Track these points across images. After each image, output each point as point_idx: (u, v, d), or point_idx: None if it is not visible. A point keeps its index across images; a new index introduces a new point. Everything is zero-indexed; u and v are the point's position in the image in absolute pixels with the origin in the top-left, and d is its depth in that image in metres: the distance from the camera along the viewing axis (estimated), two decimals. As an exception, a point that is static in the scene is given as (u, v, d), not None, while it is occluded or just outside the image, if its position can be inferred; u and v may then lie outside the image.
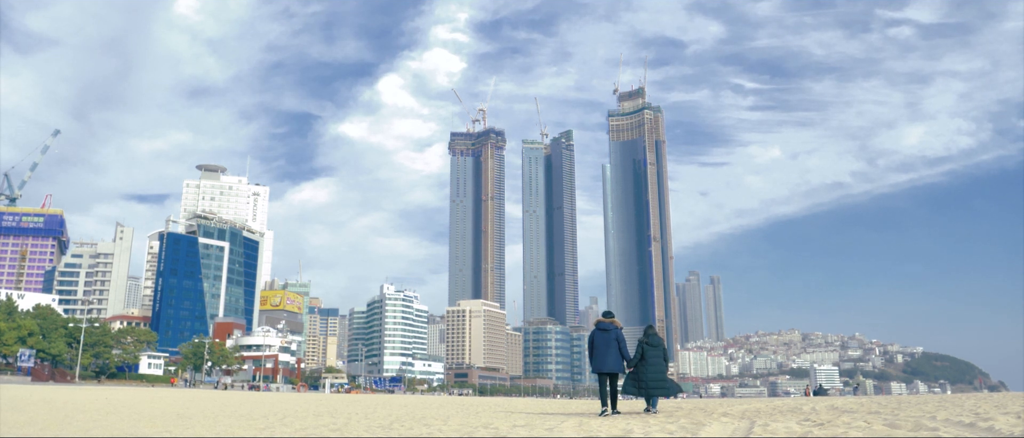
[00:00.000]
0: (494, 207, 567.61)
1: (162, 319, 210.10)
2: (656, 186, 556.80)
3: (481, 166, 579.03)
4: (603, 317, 18.47)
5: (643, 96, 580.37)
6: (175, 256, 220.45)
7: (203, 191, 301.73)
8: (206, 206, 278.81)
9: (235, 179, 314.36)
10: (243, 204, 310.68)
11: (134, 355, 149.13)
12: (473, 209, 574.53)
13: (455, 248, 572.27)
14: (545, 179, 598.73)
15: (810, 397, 61.95)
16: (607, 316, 18.41)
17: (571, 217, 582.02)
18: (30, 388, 59.38)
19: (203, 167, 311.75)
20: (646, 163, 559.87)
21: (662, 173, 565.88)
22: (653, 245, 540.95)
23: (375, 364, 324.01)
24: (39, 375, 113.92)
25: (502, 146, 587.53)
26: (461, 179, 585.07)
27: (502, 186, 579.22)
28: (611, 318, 18.40)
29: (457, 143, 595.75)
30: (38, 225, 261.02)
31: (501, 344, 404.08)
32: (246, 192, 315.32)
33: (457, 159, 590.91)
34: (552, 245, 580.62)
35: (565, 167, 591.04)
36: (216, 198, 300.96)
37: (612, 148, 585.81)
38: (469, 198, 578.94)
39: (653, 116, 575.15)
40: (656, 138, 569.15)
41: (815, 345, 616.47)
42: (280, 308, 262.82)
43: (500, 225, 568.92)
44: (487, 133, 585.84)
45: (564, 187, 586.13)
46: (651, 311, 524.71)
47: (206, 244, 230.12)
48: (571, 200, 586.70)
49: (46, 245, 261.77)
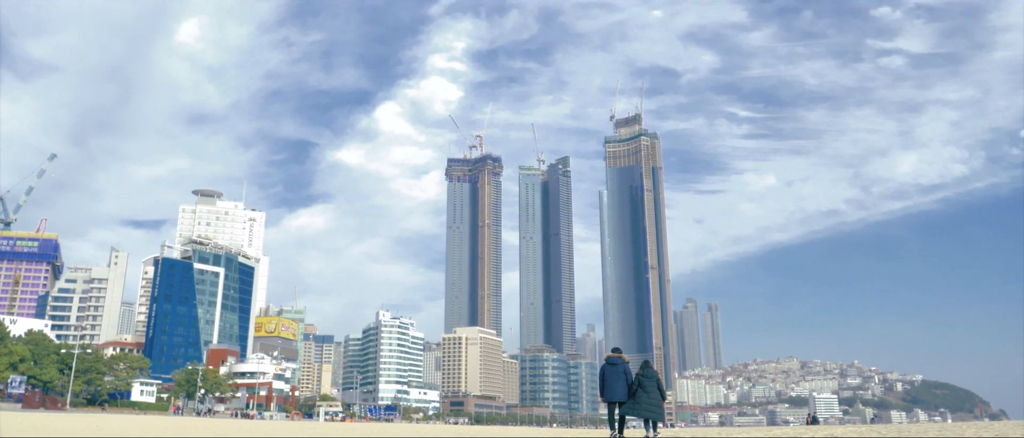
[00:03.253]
0: (491, 234, 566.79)
1: (156, 345, 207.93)
2: (653, 213, 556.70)
3: (478, 192, 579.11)
4: (612, 353, 21.81)
5: (639, 123, 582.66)
6: (170, 282, 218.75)
7: (199, 216, 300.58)
8: (202, 231, 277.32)
9: (231, 204, 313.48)
10: (239, 230, 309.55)
11: (126, 382, 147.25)
12: (470, 236, 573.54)
13: (451, 275, 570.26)
14: (542, 206, 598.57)
15: (810, 426, 61.03)
16: (615, 352, 21.84)
17: (568, 244, 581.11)
18: (20, 416, 58.22)
19: (199, 192, 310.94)
20: (643, 190, 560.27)
21: (659, 200, 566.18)
22: (650, 272, 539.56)
23: (370, 392, 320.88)
24: (29, 402, 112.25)
25: (499, 173, 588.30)
26: (458, 205, 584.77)
27: (499, 213, 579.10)
28: (619, 353, 21.86)
29: (454, 169, 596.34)
30: (33, 249, 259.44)
31: (497, 372, 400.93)
32: (242, 218, 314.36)
33: (454, 185, 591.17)
34: (549, 272, 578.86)
35: (562, 194, 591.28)
36: (212, 223, 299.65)
37: (609, 175, 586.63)
38: (466, 225, 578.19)
39: (650, 143, 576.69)
40: (653, 164, 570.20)
41: (814, 373, 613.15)
42: (275, 335, 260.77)
43: (497, 252, 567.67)
44: (484, 159, 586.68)
45: (561, 214, 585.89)
46: (648, 339, 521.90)
47: (201, 270, 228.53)
48: (568, 227, 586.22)
49: (40, 270, 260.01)
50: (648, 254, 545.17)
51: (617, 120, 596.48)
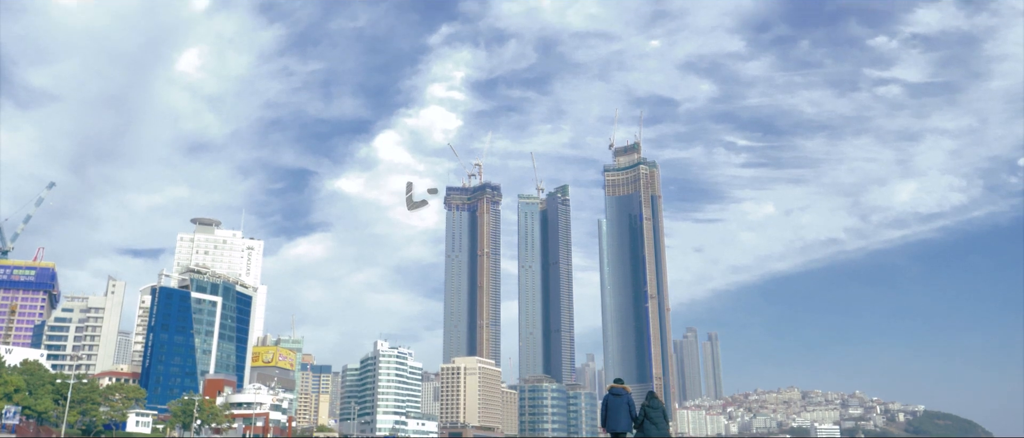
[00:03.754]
0: (490, 262, 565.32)
1: (152, 375, 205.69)
2: (652, 241, 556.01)
3: (477, 221, 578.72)
4: (615, 383, 22.14)
5: (638, 151, 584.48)
6: (167, 311, 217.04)
7: (197, 245, 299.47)
8: (200, 260, 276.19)
9: (230, 233, 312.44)
10: (237, 258, 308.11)
11: (122, 413, 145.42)
12: (468, 264, 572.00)
13: (450, 304, 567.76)
14: (541, 234, 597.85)
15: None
16: (618, 382, 22.25)
17: (567, 273, 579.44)
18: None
19: (198, 220, 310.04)
20: (642, 218, 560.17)
21: (658, 228, 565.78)
22: (650, 302, 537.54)
23: (368, 423, 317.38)
24: (24, 433, 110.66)
25: (498, 201, 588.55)
26: (457, 234, 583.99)
27: (498, 241, 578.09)
28: (622, 384, 22.22)
29: (453, 198, 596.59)
30: (29, 278, 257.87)
31: (496, 402, 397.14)
32: (240, 246, 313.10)
33: (453, 214, 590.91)
34: (548, 301, 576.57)
35: (561, 222, 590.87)
36: (210, 252, 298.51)
37: (608, 203, 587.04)
38: (464, 253, 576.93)
39: (649, 171, 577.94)
40: (652, 193, 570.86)
41: (815, 403, 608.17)
42: (272, 365, 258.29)
43: (495, 281, 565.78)
44: (483, 188, 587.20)
45: (560, 242, 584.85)
46: (648, 369, 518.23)
47: (198, 299, 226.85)
48: (567, 256, 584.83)
49: (36, 299, 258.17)
50: (648, 283, 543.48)
51: (616, 148, 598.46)
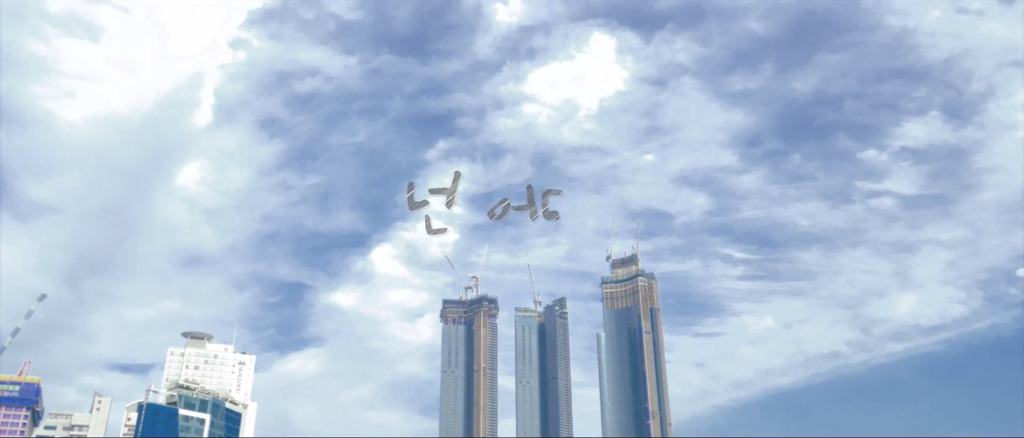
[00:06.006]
0: (486, 378, 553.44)
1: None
2: (652, 356, 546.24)
3: (473, 335, 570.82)
4: None
5: (636, 263, 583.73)
6: (153, 428, 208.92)
7: (188, 359, 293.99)
8: (190, 375, 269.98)
9: (221, 347, 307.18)
10: (228, 374, 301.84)
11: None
12: (465, 380, 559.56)
13: (446, 422, 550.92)
14: (539, 349, 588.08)
15: None
16: None
17: (566, 389, 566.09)
18: None
19: (189, 334, 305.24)
20: (641, 331, 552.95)
21: (658, 342, 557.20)
22: (652, 419, 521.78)
23: None
24: None
25: (495, 314, 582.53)
26: (453, 349, 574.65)
27: (495, 356, 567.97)
28: None
29: (449, 311, 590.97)
30: (13, 394, 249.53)
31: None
32: (232, 361, 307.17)
33: (449, 328, 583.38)
34: (546, 419, 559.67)
35: (559, 336, 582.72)
36: (201, 367, 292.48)
37: (606, 316, 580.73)
38: (461, 369, 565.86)
39: (647, 283, 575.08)
40: (651, 305, 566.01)
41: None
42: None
43: (493, 397, 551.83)
44: (480, 301, 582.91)
45: (558, 357, 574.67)
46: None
47: (186, 416, 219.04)
48: (566, 371, 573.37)
49: (19, 415, 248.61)
50: (648, 399, 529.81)
51: (614, 260, 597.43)
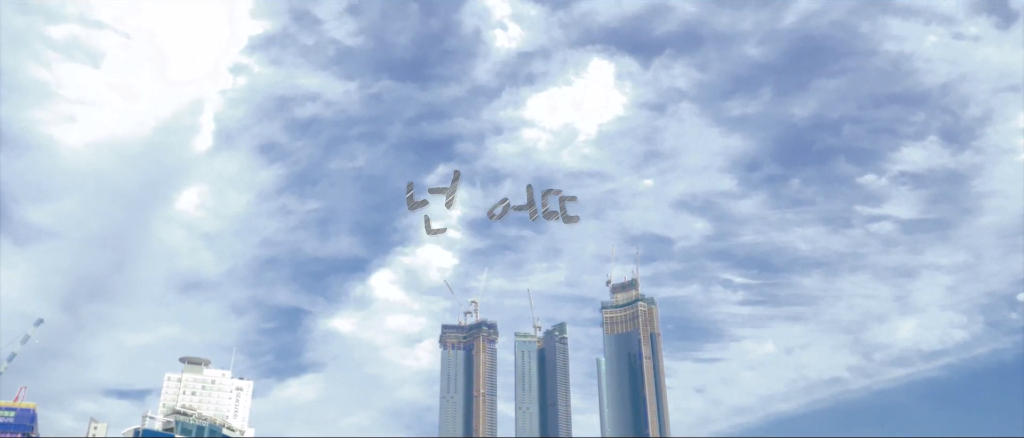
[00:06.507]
0: (486, 404, 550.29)
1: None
2: (653, 382, 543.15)
3: (473, 360, 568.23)
4: None
5: (636, 288, 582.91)
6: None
7: (185, 385, 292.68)
8: (187, 401, 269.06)
9: (219, 373, 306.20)
10: (225, 399, 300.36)
11: None
12: (464, 406, 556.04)
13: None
14: (539, 374, 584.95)
15: None
16: None
17: (566, 415, 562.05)
18: None
19: (186, 359, 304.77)
20: (642, 357, 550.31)
21: (658, 368, 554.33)
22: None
23: None
24: None
25: (494, 339, 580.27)
26: (452, 374, 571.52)
27: (494, 382, 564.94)
28: None
29: (448, 336, 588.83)
30: (8, 420, 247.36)
31: None
32: (229, 387, 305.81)
33: (448, 353, 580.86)
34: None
35: (559, 362, 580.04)
36: (198, 392, 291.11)
37: (606, 341, 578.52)
38: (460, 395, 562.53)
39: (647, 308, 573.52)
40: (651, 330, 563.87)
41: None
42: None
43: (492, 424, 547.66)
44: (479, 326, 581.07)
45: (558, 383, 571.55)
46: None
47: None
48: (566, 397, 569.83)
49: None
50: (649, 426, 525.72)
51: (614, 285, 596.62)
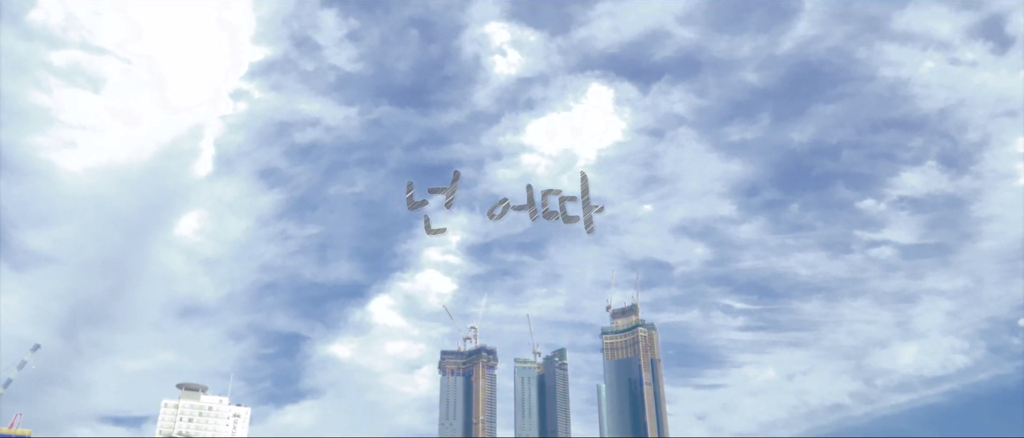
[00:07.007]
0: (485, 431, 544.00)
1: None
2: (653, 408, 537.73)
3: (472, 386, 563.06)
4: None
5: (636, 313, 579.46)
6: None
7: (182, 411, 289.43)
8: (184, 427, 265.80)
9: (216, 399, 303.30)
10: (223, 426, 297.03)
11: None
12: (463, 433, 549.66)
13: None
14: (538, 401, 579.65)
15: None
16: None
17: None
18: None
19: (184, 386, 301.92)
20: (642, 383, 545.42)
21: (659, 394, 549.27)
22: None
23: None
24: None
25: (494, 365, 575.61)
26: (451, 401, 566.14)
27: (494, 408, 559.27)
28: None
29: (448, 362, 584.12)
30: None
31: None
32: (226, 413, 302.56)
33: (447, 379, 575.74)
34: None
35: (559, 388, 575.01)
36: (195, 419, 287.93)
37: (606, 367, 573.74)
38: (459, 421, 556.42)
39: (648, 333, 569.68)
40: (652, 356, 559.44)
41: None
42: None
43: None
44: (478, 352, 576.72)
45: (558, 409, 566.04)
46: None
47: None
48: (566, 424, 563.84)
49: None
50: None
51: (614, 310, 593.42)
